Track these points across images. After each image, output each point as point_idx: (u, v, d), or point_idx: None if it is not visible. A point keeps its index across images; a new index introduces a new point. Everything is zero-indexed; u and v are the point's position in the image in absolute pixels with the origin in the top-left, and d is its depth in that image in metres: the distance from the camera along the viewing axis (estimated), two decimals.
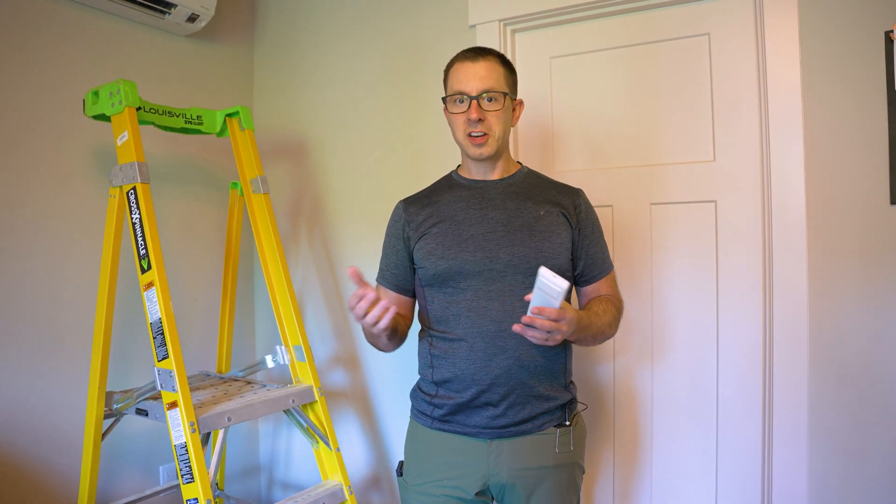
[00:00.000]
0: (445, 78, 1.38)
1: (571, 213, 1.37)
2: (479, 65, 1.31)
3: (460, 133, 1.34)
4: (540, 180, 1.43)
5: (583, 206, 1.40)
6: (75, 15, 1.83)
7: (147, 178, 1.51)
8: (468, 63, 1.31)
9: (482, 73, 1.30)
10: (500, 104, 1.31)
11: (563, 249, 1.34)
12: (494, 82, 1.31)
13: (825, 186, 1.60)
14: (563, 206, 1.37)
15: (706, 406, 1.79)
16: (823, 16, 1.59)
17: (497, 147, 1.34)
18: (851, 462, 1.58)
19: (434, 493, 1.32)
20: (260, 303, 2.44)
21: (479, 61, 1.31)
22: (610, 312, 1.35)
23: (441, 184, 1.46)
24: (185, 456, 1.39)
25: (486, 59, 1.32)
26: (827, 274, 1.60)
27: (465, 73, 1.31)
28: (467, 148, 1.34)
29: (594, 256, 1.41)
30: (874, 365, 1.56)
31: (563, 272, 1.32)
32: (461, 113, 1.31)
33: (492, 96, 1.30)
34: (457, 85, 1.32)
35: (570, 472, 1.37)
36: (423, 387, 1.40)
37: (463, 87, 1.30)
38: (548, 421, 1.33)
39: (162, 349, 1.44)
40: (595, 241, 1.41)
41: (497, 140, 1.33)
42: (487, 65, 1.31)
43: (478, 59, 1.31)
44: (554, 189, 1.41)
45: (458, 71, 1.33)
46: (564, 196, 1.39)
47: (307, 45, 2.32)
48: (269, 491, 2.45)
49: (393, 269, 1.43)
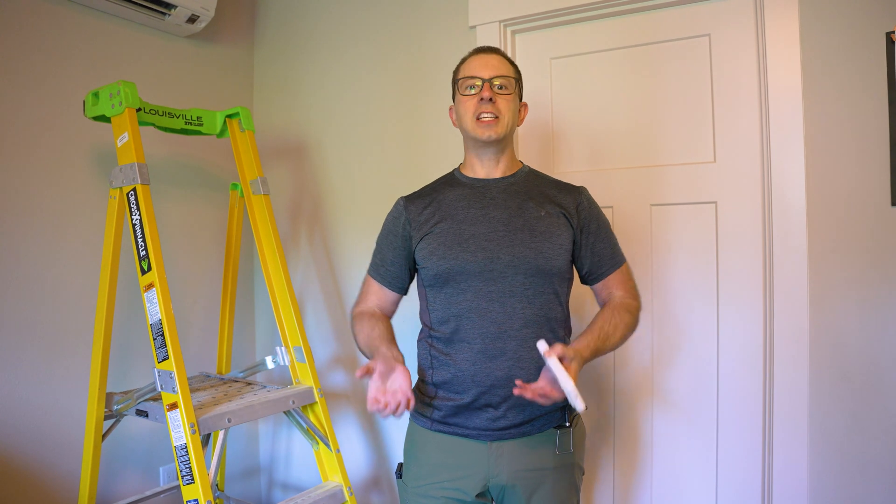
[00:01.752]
0: (456, 74, 1.40)
1: (572, 214, 1.36)
2: (491, 56, 1.37)
3: (469, 116, 1.34)
4: (541, 180, 1.43)
5: (584, 204, 1.38)
6: (75, 16, 1.83)
7: (147, 180, 1.51)
8: (481, 55, 1.37)
9: (495, 62, 1.35)
10: (510, 91, 1.35)
11: (564, 251, 1.33)
12: (506, 71, 1.36)
13: (826, 187, 1.60)
14: (563, 207, 1.36)
15: (707, 407, 1.79)
16: (824, 17, 1.59)
17: (505, 132, 1.34)
18: (852, 462, 1.58)
19: (434, 494, 1.32)
20: (260, 304, 2.44)
21: (491, 54, 1.37)
22: (621, 328, 1.31)
23: (442, 181, 1.45)
24: (186, 457, 1.39)
25: (497, 55, 1.38)
26: (827, 275, 1.60)
27: (478, 62, 1.36)
28: (475, 130, 1.33)
29: (601, 253, 1.38)
30: (875, 366, 1.56)
31: (560, 274, 1.33)
32: (472, 95, 1.34)
33: (503, 83, 1.34)
34: (469, 71, 1.36)
35: (570, 474, 1.36)
36: (422, 388, 1.39)
37: (475, 72, 1.34)
38: (548, 422, 1.32)
39: (162, 350, 1.44)
40: (602, 237, 1.39)
41: (506, 125, 1.33)
42: (499, 58, 1.37)
43: (490, 53, 1.38)
44: (555, 188, 1.40)
45: (470, 62, 1.38)
46: (565, 195, 1.38)
47: (307, 47, 2.32)
48: (269, 492, 2.45)
49: (388, 265, 1.42)
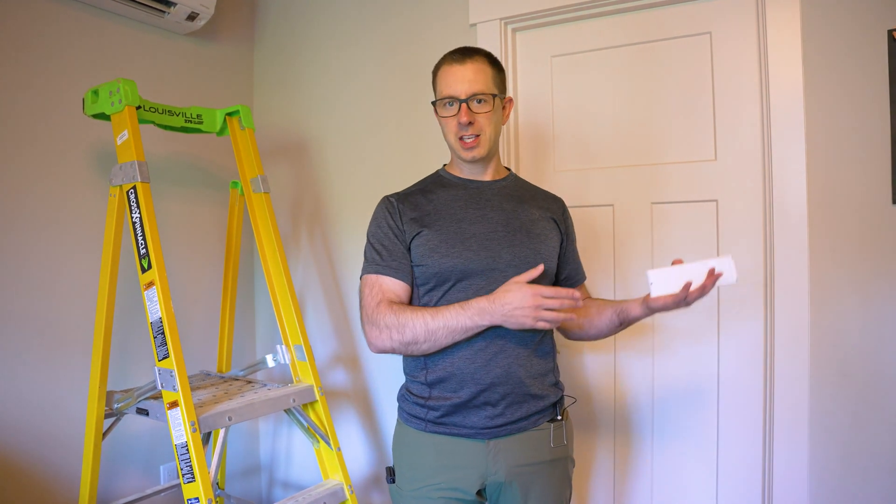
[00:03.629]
0: (434, 80, 1.37)
1: (560, 220, 1.44)
2: (466, 67, 1.30)
3: (451, 136, 1.34)
4: (528, 186, 1.49)
5: (567, 214, 1.49)
6: (74, 14, 1.83)
7: (147, 178, 1.51)
8: (456, 66, 1.30)
9: (470, 75, 1.29)
10: (489, 105, 1.31)
11: (556, 254, 1.40)
12: (483, 85, 1.30)
13: (826, 185, 1.60)
14: (552, 212, 1.43)
15: (707, 404, 1.79)
16: (825, 14, 1.58)
17: (489, 148, 1.34)
18: (852, 460, 1.58)
19: (432, 496, 1.31)
20: (260, 302, 2.43)
21: (466, 63, 1.30)
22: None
23: (430, 181, 1.43)
24: (186, 455, 1.39)
25: (473, 61, 1.30)
26: (828, 273, 1.60)
27: (453, 76, 1.30)
28: (459, 151, 1.34)
29: (576, 262, 1.50)
30: (875, 364, 1.56)
31: (552, 275, 1.39)
32: (451, 116, 1.31)
33: (481, 98, 1.30)
34: (446, 89, 1.31)
35: (564, 466, 1.40)
36: (413, 389, 1.36)
37: (451, 90, 1.30)
38: (542, 417, 1.35)
39: (162, 348, 1.44)
40: (575, 249, 1.50)
41: (489, 141, 1.33)
42: (475, 66, 1.30)
43: (465, 60, 1.30)
44: (541, 195, 1.47)
45: (446, 74, 1.32)
46: (551, 203, 1.47)
47: (307, 44, 2.31)
48: (269, 490, 2.45)
49: (399, 258, 1.32)
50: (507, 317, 1.20)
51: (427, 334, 1.24)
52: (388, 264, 1.32)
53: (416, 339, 1.24)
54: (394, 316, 1.26)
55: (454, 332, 1.23)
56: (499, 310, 1.20)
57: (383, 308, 1.28)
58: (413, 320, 1.24)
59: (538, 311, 1.18)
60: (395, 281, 1.32)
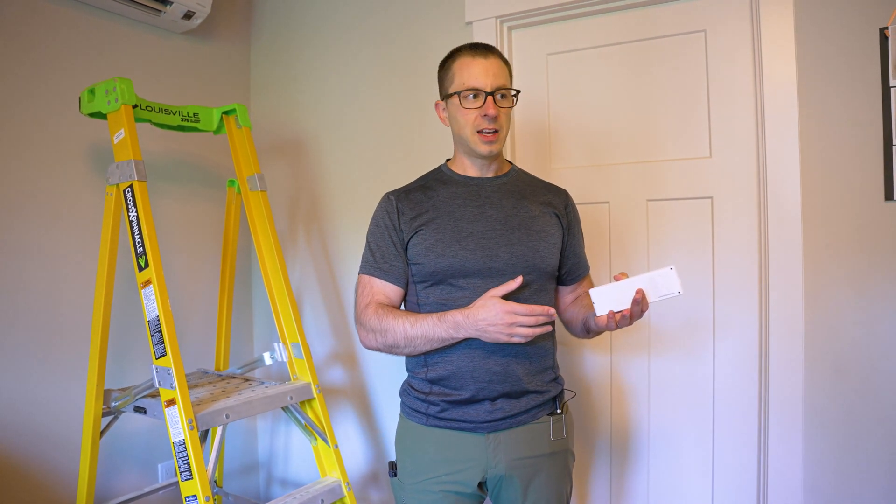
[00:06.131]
0: (447, 72, 1.34)
1: (562, 214, 1.42)
2: (490, 61, 1.30)
3: (469, 129, 1.31)
4: (531, 179, 1.46)
5: (571, 206, 1.46)
6: (70, 13, 1.83)
7: (144, 176, 1.51)
8: (480, 59, 1.29)
9: (495, 69, 1.29)
10: (510, 102, 1.33)
11: (556, 250, 1.38)
12: (505, 80, 1.32)
13: (820, 182, 1.61)
14: (555, 207, 1.41)
15: (703, 399, 1.80)
16: (819, 12, 1.59)
17: (503, 144, 1.36)
18: (846, 454, 1.59)
19: (433, 489, 1.32)
20: (258, 300, 2.44)
21: (490, 58, 1.30)
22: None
23: (431, 178, 1.43)
24: (184, 453, 1.39)
25: (495, 57, 1.32)
26: (822, 269, 1.61)
27: (478, 68, 1.29)
28: (476, 145, 1.32)
29: (580, 255, 1.48)
30: (869, 359, 1.57)
31: (552, 272, 1.38)
32: (474, 109, 1.29)
33: (504, 93, 1.31)
34: (470, 80, 1.29)
35: (564, 460, 1.40)
36: (415, 385, 1.38)
37: (477, 82, 1.28)
38: (541, 411, 1.35)
39: (160, 347, 1.44)
40: (580, 241, 1.48)
41: (505, 138, 1.35)
42: (498, 62, 1.31)
43: (488, 55, 1.31)
44: (544, 189, 1.45)
45: (468, 66, 1.29)
46: (554, 196, 1.44)
47: (304, 42, 2.31)
48: (267, 488, 2.46)
49: (392, 260, 1.35)
50: (480, 332, 1.22)
51: (406, 341, 1.28)
52: (380, 266, 1.36)
53: (397, 343, 1.29)
54: (378, 320, 1.31)
55: (431, 341, 1.27)
56: (472, 325, 1.22)
57: (370, 311, 1.33)
58: (394, 327, 1.28)
59: (511, 328, 1.19)
60: (386, 283, 1.35)
